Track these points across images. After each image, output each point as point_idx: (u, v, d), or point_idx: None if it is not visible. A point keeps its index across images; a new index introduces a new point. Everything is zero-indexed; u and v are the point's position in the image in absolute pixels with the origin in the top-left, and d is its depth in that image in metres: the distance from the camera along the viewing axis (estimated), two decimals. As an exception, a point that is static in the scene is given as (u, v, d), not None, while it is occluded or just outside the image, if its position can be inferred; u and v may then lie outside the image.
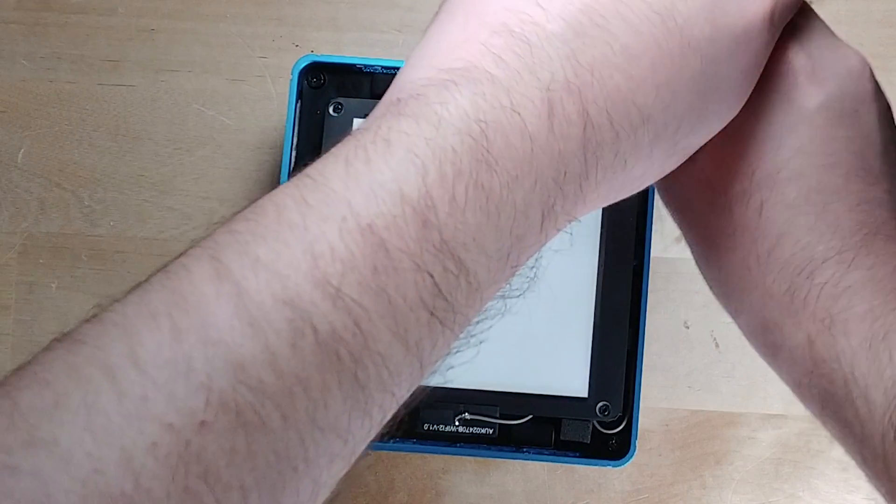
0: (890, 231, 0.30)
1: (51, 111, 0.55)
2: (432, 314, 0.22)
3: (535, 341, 0.47)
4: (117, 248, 0.55)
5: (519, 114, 0.23)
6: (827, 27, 0.32)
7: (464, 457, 0.51)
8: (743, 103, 0.29)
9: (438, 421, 0.46)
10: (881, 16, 0.55)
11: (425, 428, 0.46)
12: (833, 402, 0.29)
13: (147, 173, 0.55)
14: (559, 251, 0.47)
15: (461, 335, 0.24)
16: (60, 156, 0.55)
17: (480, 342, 0.26)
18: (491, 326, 0.26)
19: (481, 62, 0.24)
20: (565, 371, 0.47)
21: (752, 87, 0.29)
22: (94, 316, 0.20)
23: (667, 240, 0.54)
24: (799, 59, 0.30)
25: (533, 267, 0.27)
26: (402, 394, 0.23)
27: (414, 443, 0.47)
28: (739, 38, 0.27)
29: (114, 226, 0.55)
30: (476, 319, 0.25)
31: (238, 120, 0.55)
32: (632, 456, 0.46)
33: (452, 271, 0.22)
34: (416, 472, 0.53)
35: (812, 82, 0.30)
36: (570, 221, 0.26)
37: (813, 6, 0.56)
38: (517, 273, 0.26)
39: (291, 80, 0.47)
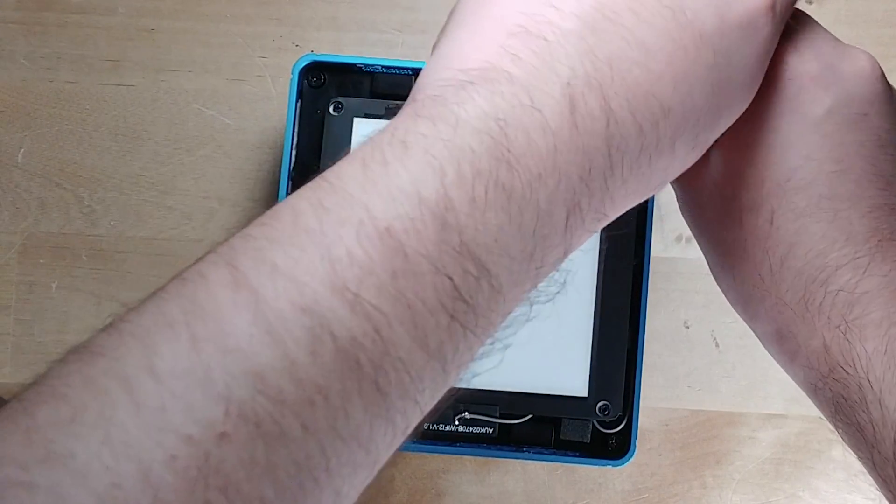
0: None
1: (51, 111, 0.55)
2: (453, 318, 0.22)
3: (535, 341, 0.47)
4: (117, 248, 0.55)
5: (540, 111, 0.23)
6: (830, 34, 0.32)
7: (464, 456, 0.51)
8: (753, 95, 0.29)
9: (438, 420, 0.46)
10: (881, 16, 0.55)
11: (425, 427, 0.46)
12: (846, 407, 0.29)
13: (147, 173, 0.55)
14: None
15: (486, 339, 0.24)
16: (60, 156, 0.55)
17: (506, 347, 0.25)
18: (516, 332, 0.26)
19: (499, 62, 0.24)
20: (565, 370, 0.47)
21: (761, 80, 0.29)
22: (110, 325, 0.20)
23: (667, 240, 0.54)
24: (804, 63, 0.30)
25: (566, 271, 0.27)
26: (426, 400, 0.22)
27: (414, 442, 0.47)
28: (745, 30, 0.27)
29: (114, 226, 0.55)
30: (502, 324, 0.24)
31: (238, 120, 0.55)
32: (632, 455, 0.46)
33: (473, 273, 0.22)
34: (416, 472, 0.53)
35: (819, 86, 0.30)
36: (599, 221, 0.26)
37: (813, 5, 0.57)
38: (544, 276, 0.25)
39: (291, 79, 0.47)
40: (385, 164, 0.22)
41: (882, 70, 0.31)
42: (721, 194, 0.32)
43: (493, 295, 0.23)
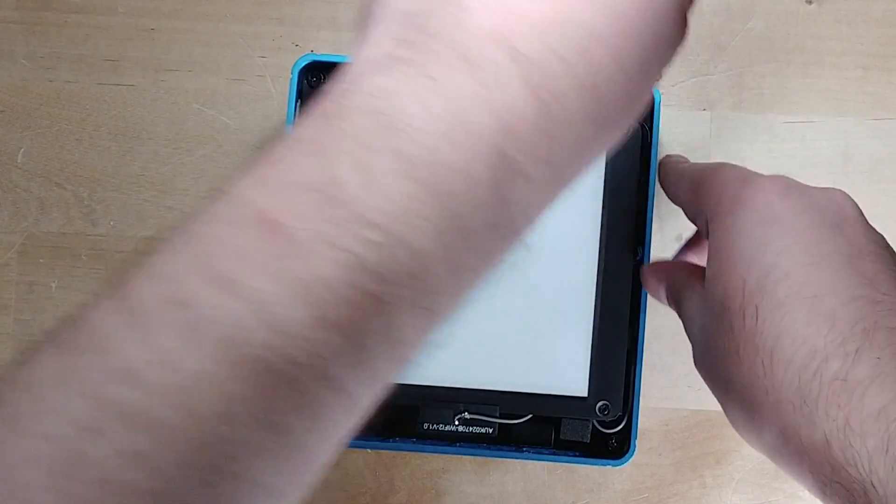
0: (891, 324, 0.29)
1: (51, 111, 0.55)
2: (364, 291, 0.21)
3: (535, 341, 0.47)
4: (117, 248, 0.55)
5: (432, 77, 0.22)
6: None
7: (464, 456, 0.51)
8: (683, 38, 0.28)
9: (438, 420, 0.46)
10: (881, 16, 0.55)
11: (425, 427, 0.46)
12: None
13: (147, 173, 0.55)
14: (559, 250, 0.47)
15: (421, 314, 0.23)
16: (60, 156, 0.55)
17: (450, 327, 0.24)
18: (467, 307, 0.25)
19: (390, 51, 0.23)
20: (565, 370, 0.47)
21: (687, 28, 0.28)
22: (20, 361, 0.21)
23: (667, 240, 0.54)
24: (772, 183, 0.32)
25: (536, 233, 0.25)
26: (353, 383, 0.22)
27: (414, 442, 0.47)
28: None
29: (114, 226, 0.55)
30: (440, 297, 0.23)
31: (238, 120, 0.55)
32: (632, 455, 0.46)
33: (379, 242, 0.21)
34: (416, 472, 0.53)
35: (785, 197, 0.32)
36: (545, 167, 0.24)
37: (813, 5, 0.57)
38: (483, 239, 0.24)
39: (291, 79, 0.47)
40: (268, 160, 0.22)
41: (855, 203, 0.33)
42: (713, 316, 0.32)
43: (414, 264, 0.22)
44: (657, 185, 0.51)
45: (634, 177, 0.47)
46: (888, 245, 0.32)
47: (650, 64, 0.26)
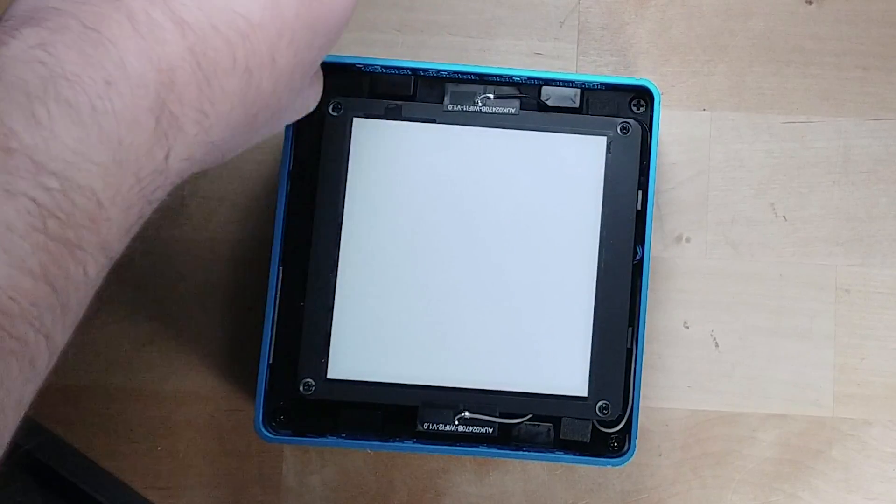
0: None
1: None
2: (48, 236, 0.22)
3: (535, 341, 0.47)
4: (117, 248, 0.55)
5: (95, 30, 0.23)
6: None
7: (464, 456, 0.51)
8: (351, 8, 0.30)
9: (438, 420, 0.46)
10: (881, 16, 0.55)
11: (425, 427, 0.47)
12: None
13: (147, 173, 0.55)
14: (558, 249, 0.47)
15: (104, 255, 0.24)
16: (60, 156, 0.55)
17: None
18: None
19: (46, 2, 0.24)
20: (565, 370, 0.47)
21: None
22: None
23: (667, 240, 0.54)
24: None
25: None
26: (50, 326, 0.22)
27: (414, 442, 0.47)
28: None
29: (114, 226, 0.55)
30: (120, 237, 0.25)
31: (238, 120, 0.55)
32: (632, 454, 0.46)
33: (56, 188, 0.22)
34: (415, 472, 0.53)
35: None
36: (203, 126, 0.26)
37: (813, 5, 0.57)
38: (154, 182, 0.26)
39: (291, 79, 0.47)
40: None
41: None
42: None
43: (93, 206, 0.23)
44: (657, 185, 0.51)
45: (634, 176, 0.47)
46: None
47: (302, 65, 0.28)
